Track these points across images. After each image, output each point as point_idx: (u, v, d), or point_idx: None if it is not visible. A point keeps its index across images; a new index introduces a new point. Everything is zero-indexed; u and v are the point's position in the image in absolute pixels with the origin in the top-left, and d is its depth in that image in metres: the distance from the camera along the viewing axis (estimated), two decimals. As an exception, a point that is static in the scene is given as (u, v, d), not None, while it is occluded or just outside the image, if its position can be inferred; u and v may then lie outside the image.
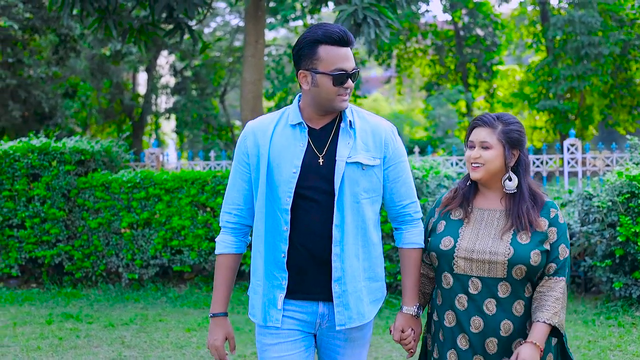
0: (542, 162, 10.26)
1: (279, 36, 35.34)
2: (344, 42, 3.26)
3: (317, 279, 3.34)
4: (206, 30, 31.05)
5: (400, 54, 29.76)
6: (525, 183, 3.40)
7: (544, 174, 10.20)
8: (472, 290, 3.33)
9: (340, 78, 3.25)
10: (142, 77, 32.14)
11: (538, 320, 3.23)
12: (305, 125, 3.36)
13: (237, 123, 31.07)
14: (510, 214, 3.36)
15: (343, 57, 3.27)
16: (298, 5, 23.05)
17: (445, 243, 3.40)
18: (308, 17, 23.69)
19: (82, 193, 10.19)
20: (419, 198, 7.78)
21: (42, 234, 10.21)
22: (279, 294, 3.34)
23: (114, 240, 10.11)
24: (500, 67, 29.15)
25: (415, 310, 3.49)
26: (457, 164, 11.04)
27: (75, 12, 11.29)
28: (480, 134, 3.39)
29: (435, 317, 3.51)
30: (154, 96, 29.43)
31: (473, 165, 3.41)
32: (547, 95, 24.75)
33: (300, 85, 3.34)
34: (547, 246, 3.32)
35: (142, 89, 31.70)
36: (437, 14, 50.11)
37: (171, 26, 11.78)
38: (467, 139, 3.47)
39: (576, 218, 8.99)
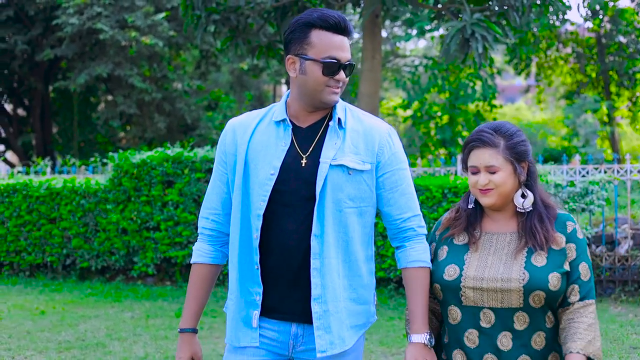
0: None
1: (421, 47, 35.69)
2: (340, 29, 2.89)
3: (293, 296, 2.92)
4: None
5: (540, 62, 29.36)
6: (537, 196, 3.00)
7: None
8: (484, 324, 2.89)
9: (331, 67, 2.87)
10: (284, 89, 33.20)
11: (571, 352, 2.80)
12: (290, 122, 2.98)
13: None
14: (524, 232, 2.94)
15: (337, 46, 2.88)
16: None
17: (450, 272, 2.95)
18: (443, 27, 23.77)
19: (211, 199, 10.86)
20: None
21: (175, 236, 10.86)
22: (252, 312, 2.93)
23: (238, 242, 10.70)
24: (643, 75, 28.32)
25: (427, 338, 2.95)
26: (587, 173, 10.43)
27: (209, 30, 12.11)
28: (483, 157, 2.93)
29: (443, 358, 3.06)
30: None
31: (482, 191, 2.96)
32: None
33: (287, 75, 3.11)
34: (567, 267, 2.90)
35: (283, 101, 32.65)
36: (578, 23, 48.94)
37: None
38: (466, 162, 3.01)
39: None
